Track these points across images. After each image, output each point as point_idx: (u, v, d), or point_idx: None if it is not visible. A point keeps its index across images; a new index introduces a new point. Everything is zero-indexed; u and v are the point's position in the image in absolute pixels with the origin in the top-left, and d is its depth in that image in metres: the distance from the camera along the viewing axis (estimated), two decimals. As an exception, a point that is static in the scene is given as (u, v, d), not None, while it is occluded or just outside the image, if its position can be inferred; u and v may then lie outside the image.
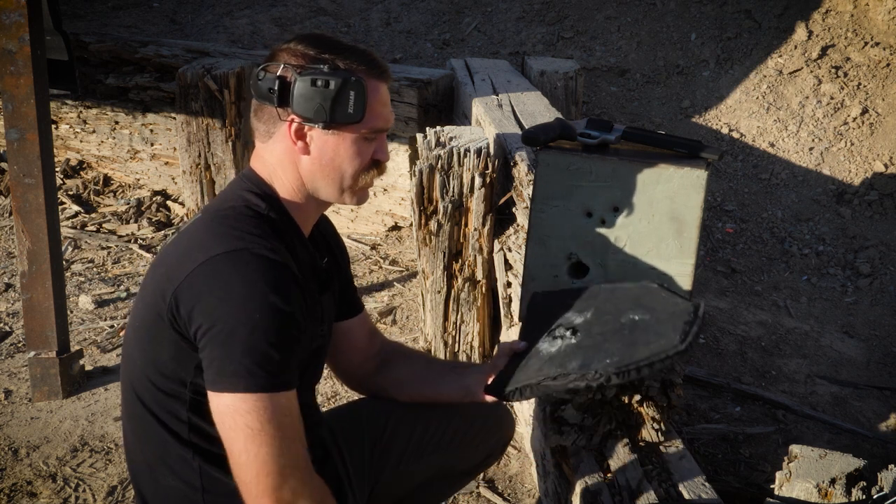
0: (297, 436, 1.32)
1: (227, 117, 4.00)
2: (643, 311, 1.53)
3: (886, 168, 4.36)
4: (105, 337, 3.21)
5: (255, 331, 1.27)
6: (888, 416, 2.85)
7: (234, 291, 1.29)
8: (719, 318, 3.43)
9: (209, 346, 1.29)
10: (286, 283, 1.32)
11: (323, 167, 1.44)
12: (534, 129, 1.87)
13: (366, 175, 1.47)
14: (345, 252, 1.73)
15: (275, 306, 1.29)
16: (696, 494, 1.64)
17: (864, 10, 4.99)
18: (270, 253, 1.33)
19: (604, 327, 1.54)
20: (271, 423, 1.28)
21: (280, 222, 1.43)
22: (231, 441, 1.29)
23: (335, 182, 1.46)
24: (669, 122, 4.79)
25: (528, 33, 5.38)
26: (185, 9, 5.98)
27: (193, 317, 1.30)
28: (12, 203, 2.72)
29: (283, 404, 1.30)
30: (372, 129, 1.44)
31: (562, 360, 1.52)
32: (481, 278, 2.77)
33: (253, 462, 1.27)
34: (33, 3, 2.58)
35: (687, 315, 1.47)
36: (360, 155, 1.45)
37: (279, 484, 1.28)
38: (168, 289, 1.32)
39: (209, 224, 1.39)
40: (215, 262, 1.31)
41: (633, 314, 1.53)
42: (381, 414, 1.75)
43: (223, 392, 1.28)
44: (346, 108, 1.39)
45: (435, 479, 1.83)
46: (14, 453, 2.50)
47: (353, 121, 1.40)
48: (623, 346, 1.48)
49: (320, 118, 1.39)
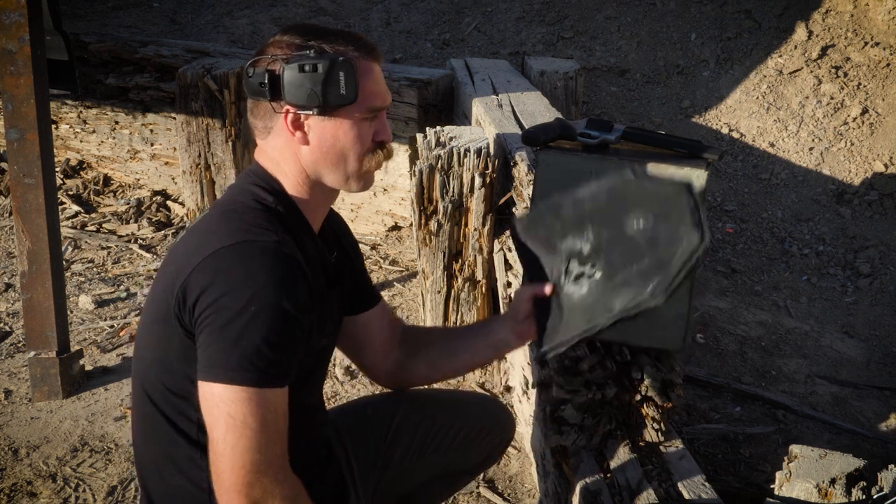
0: (278, 434, 1.31)
1: (227, 117, 4.00)
2: (640, 211, 1.48)
3: (886, 168, 4.36)
4: (105, 337, 3.21)
5: (252, 325, 1.26)
6: (888, 416, 2.85)
7: (237, 284, 1.28)
8: (719, 318, 3.43)
9: (204, 334, 1.28)
10: (292, 278, 1.31)
11: (325, 155, 1.43)
12: (534, 129, 1.87)
13: (370, 158, 1.45)
14: (356, 246, 1.72)
15: (277, 303, 1.28)
16: (696, 494, 1.64)
17: (864, 10, 4.99)
18: (277, 246, 1.32)
19: (617, 247, 1.51)
20: (255, 417, 1.26)
21: (288, 216, 1.43)
22: (212, 429, 1.28)
23: (339, 168, 1.44)
24: (669, 122, 4.79)
25: (528, 33, 5.39)
26: (185, 9, 5.98)
27: (196, 307, 1.29)
28: (12, 203, 2.72)
29: (270, 401, 1.29)
30: (369, 109, 1.42)
31: (604, 303, 1.51)
32: (481, 278, 2.77)
33: (230, 453, 1.26)
34: (33, 3, 2.58)
35: (686, 201, 1.44)
36: (361, 137, 1.43)
37: (252, 480, 1.26)
38: (176, 283, 1.32)
39: (218, 218, 1.39)
40: (222, 254, 1.30)
41: (633, 220, 1.49)
42: (385, 413, 1.75)
43: (212, 381, 1.27)
44: (338, 89, 1.38)
45: (436, 479, 1.83)
46: (14, 453, 2.50)
47: (347, 101, 1.39)
48: (652, 263, 1.47)
49: (313, 103, 1.38)
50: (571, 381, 1.78)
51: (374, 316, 1.71)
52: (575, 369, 1.78)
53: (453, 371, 1.76)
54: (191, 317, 1.31)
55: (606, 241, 1.52)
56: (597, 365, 1.77)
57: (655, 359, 1.80)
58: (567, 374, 1.78)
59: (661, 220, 1.46)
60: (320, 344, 1.49)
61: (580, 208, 1.54)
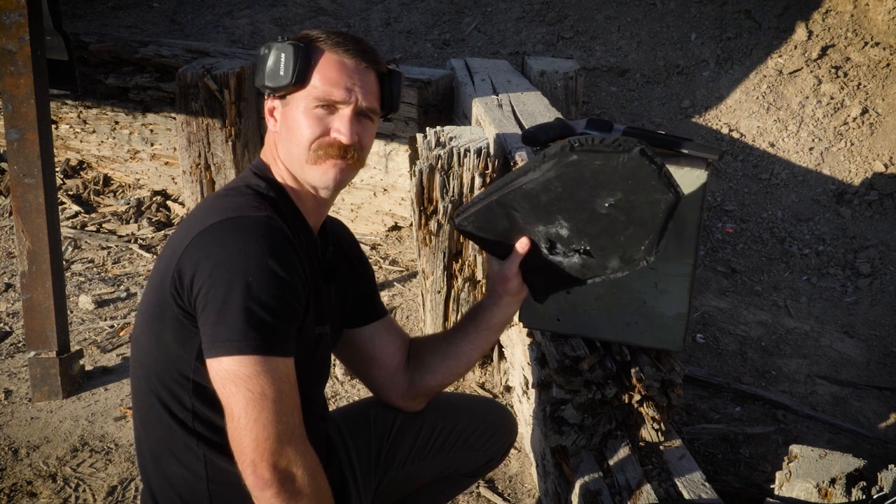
0: (294, 404, 1.32)
1: (227, 117, 4.00)
2: (606, 192, 1.49)
3: (886, 168, 4.36)
4: (105, 337, 3.21)
5: (249, 293, 1.27)
6: (888, 416, 2.85)
7: (229, 255, 1.30)
8: (719, 318, 3.43)
9: (205, 311, 1.29)
10: (282, 246, 1.33)
11: (284, 141, 1.46)
12: (534, 128, 1.87)
13: (319, 149, 1.43)
14: (363, 260, 1.72)
15: (270, 268, 1.29)
16: (696, 494, 1.64)
17: (864, 10, 4.99)
18: (267, 219, 1.34)
19: (596, 224, 1.54)
20: (272, 387, 1.28)
21: (280, 202, 1.44)
22: (231, 405, 1.28)
23: (297, 155, 1.45)
24: (669, 122, 4.79)
25: (528, 33, 5.39)
26: (185, 9, 5.98)
27: (194, 284, 1.31)
28: (12, 203, 2.72)
29: (281, 371, 1.30)
30: (317, 98, 1.43)
31: (600, 264, 1.57)
32: (481, 278, 2.77)
33: (253, 426, 1.27)
34: (33, 3, 2.58)
35: (649, 168, 1.45)
36: (312, 124, 1.43)
37: (277, 449, 1.27)
38: (171, 265, 1.34)
39: (210, 203, 1.43)
40: (212, 229, 1.33)
41: (603, 201, 1.51)
42: (388, 414, 1.75)
43: (221, 356, 1.28)
44: (278, 70, 1.42)
45: (438, 481, 1.83)
46: (14, 453, 2.50)
47: (284, 83, 1.42)
48: (636, 229, 1.51)
49: (261, 84, 1.44)
50: (571, 381, 1.78)
51: (381, 330, 1.71)
52: (575, 369, 1.78)
53: (465, 369, 1.75)
54: (189, 295, 1.32)
55: (583, 222, 1.54)
56: (597, 365, 1.78)
57: (655, 359, 1.80)
58: (567, 374, 1.78)
59: (631, 193, 1.48)
60: (318, 331, 1.49)
61: (536, 201, 1.54)
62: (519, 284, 1.64)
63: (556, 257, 1.60)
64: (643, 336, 1.77)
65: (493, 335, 1.71)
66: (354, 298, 1.67)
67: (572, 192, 1.51)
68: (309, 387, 1.52)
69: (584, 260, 1.58)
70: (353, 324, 1.69)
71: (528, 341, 2.13)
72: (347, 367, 1.79)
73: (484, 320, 1.69)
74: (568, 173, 1.49)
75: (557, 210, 1.54)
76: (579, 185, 1.50)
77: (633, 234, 1.52)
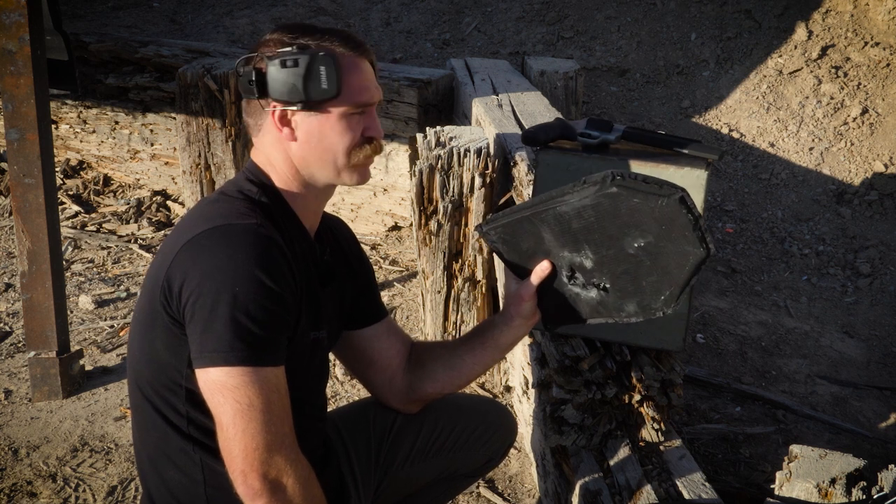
0: (284, 414, 1.32)
1: (227, 117, 4.00)
2: (638, 233, 1.47)
3: (886, 168, 4.36)
4: (105, 337, 3.21)
5: (236, 304, 1.27)
6: (888, 416, 2.85)
7: (217, 264, 1.29)
8: (719, 318, 3.43)
9: (193, 321, 1.29)
10: (271, 257, 1.32)
11: (313, 150, 1.44)
12: (534, 128, 1.87)
13: (358, 152, 1.45)
14: (363, 258, 1.71)
15: (257, 278, 1.29)
16: (696, 494, 1.64)
17: (864, 10, 4.99)
18: (256, 227, 1.33)
19: (621, 264, 1.51)
20: (260, 398, 1.27)
21: (273, 207, 1.44)
22: (220, 416, 1.29)
23: (329, 163, 1.44)
24: (669, 122, 4.79)
25: (528, 33, 5.39)
26: (185, 9, 5.98)
27: (182, 293, 1.30)
28: (12, 203, 2.72)
29: (269, 380, 1.29)
30: (355, 104, 1.43)
31: (616, 305, 1.55)
32: (481, 278, 2.77)
33: (241, 437, 1.27)
34: (33, 3, 2.58)
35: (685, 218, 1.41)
36: (348, 131, 1.43)
37: (266, 459, 1.28)
38: (160, 273, 1.34)
39: (200, 209, 1.42)
40: (201, 237, 1.32)
41: (633, 241, 1.48)
42: (387, 415, 1.74)
43: (208, 367, 1.28)
44: (319, 84, 1.38)
45: (437, 481, 1.83)
46: (14, 453, 2.50)
47: (329, 96, 1.39)
48: (659, 277, 1.48)
49: (296, 98, 1.39)
50: (571, 381, 1.78)
51: (381, 332, 1.70)
52: (575, 369, 1.78)
53: (468, 381, 1.74)
54: (178, 304, 1.32)
55: (608, 258, 1.52)
56: (597, 365, 1.78)
57: (655, 359, 1.80)
58: (567, 374, 1.78)
59: (662, 239, 1.45)
60: (314, 336, 1.48)
61: (567, 226, 1.52)
62: (532, 308, 1.62)
63: (575, 287, 1.58)
64: (643, 336, 1.77)
65: (498, 354, 1.70)
66: (353, 297, 1.66)
67: (604, 225, 1.49)
68: (309, 390, 1.51)
69: (601, 297, 1.56)
70: (351, 325, 1.68)
71: (527, 341, 2.13)
72: (345, 366, 1.78)
73: (492, 338, 1.68)
74: (604, 204, 1.46)
75: (586, 240, 1.52)
76: (613, 220, 1.47)
77: (655, 281, 1.49)
